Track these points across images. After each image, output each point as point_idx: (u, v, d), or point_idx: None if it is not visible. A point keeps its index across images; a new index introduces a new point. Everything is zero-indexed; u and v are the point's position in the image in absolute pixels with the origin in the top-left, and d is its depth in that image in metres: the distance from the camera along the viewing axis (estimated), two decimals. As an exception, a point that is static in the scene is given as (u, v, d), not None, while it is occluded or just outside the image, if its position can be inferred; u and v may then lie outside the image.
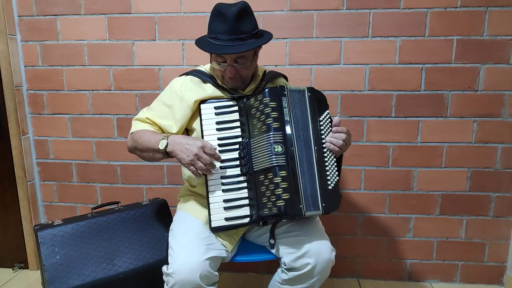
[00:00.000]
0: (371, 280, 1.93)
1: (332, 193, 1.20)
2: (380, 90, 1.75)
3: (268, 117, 1.17)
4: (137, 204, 1.65)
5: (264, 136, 1.16)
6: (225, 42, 1.20)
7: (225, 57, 1.22)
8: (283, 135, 1.16)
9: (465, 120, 1.74)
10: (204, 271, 1.12)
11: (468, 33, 1.67)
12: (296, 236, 1.23)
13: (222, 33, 1.20)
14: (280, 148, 1.15)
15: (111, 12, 1.79)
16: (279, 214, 1.14)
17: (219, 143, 1.22)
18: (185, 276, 1.10)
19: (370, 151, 1.80)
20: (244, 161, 1.21)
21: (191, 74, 1.36)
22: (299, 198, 1.14)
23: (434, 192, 1.81)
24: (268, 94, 1.18)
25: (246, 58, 1.24)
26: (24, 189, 1.94)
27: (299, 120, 1.20)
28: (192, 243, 1.19)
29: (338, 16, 1.70)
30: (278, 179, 1.13)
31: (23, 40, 1.87)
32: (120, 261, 1.48)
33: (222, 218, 1.20)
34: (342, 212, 1.87)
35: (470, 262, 1.86)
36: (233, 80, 1.28)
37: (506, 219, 1.81)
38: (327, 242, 1.22)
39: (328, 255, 1.19)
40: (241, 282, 1.92)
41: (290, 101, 1.20)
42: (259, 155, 1.18)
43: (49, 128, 1.95)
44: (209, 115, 1.24)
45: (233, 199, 1.21)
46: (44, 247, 1.42)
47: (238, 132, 1.24)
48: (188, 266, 1.12)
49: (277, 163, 1.14)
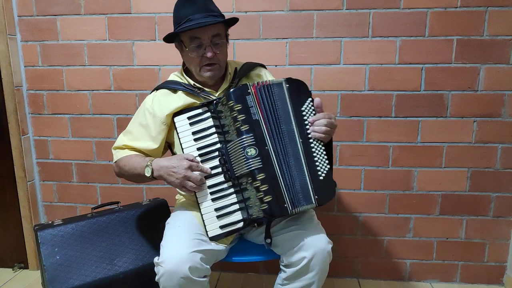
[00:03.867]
0: (371, 280, 1.93)
1: (324, 183, 1.17)
2: (380, 90, 1.75)
3: (236, 121, 1.14)
4: (137, 204, 1.65)
5: (237, 141, 1.14)
6: (200, 20, 1.20)
7: (201, 38, 1.22)
8: (254, 136, 1.13)
9: (465, 120, 1.74)
10: (194, 262, 1.11)
11: (468, 33, 1.67)
12: (291, 231, 1.22)
13: (195, 13, 1.21)
14: (253, 151, 1.13)
15: (111, 12, 1.79)
16: (266, 217, 1.13)
17: (199, 153, 1.20)
18: (174, 266, 1.09)
19: (370, 151, 1.80)
20: (225, 167, 1.18)
21: (161, 87, 1.36)
22: (283, 197, 1.13)
23: (434, 192, 1.81)
24: (232, 97, 1.15)
25: (221, 36, 1.25)
26: (24, 189, 1.94)
27: (280, 115, 1.17)
28: (185, 235, 1.19)
29: (338, 16, 1.70)
30: (257, 182, 1.12)
31: (23, 40, 1.87)
32: (120, 261, 1.48)
33: (217, 227, 1.19)
34: (342, 212, 1.87)
35: (470, 262, 1.86)
36: (211, 68, 1.26)
37: (506, 219, 1.81)
38: (323, 234, 1.20)
39: (323, 245, 1.17)
40: (241, 282, 1.92)
41: (261, 98, 1.16)
42: (236, 160, 1.16)
43: (49, 128, 1.95)
44: (184, 127, 1.23)
45: (223, 206, 1.19)
46: (44, 247, 1.42)
47: (215, 138, 1.21)
48: (177, 256, 1.11)
49: (254, 167, 1.12)
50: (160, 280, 1.12)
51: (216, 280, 1.93)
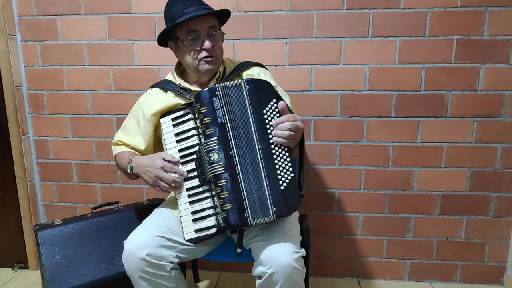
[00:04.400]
0: (371, 280, 1.93)
1: (285, 194, 1.09)
2: (380, 90, 1.75)
3: (202, 124, 1.13)
4: (137, 204, 1.65)
5: (203, 144, 1.13)
6: (195, 12, 1.20)
7: (198, 30, 1.22)
8: (218, 140, 1.10)
9: (465, 120, 1.74)
10: (153, 246, 1.11)
11: (468, 33, 1.67)
12: (256, 242, 1.16)
13: (188, 7, 1.21)
14: (216, 155, 1.10)
15: (111, 12, 1.79)
16: (226, 227, 1.10)
17: (180, 154, 1.19)
18: (133, 247, 1.11)
19: (370, 151, 1.80)
20: (200, 170, 1.16)
21: (155, 85, 1.39)
22: (243, 206, 1.08)
23: (434, 192, 1.81)
24: (200, 98, 1.12)
25: (216, 28, 1.27)
26: (24, 189, 1.94)
27: (238, 120, 1.11)
28: (155, 222, 1.21)
29: (338, 16, 1.70)
30: (218, 189, 1.10)
31: (23, 40, 1.87)
32: (120, 261, 1.47)
33: (192, 230, 1.17)
34: (342, 212, 1.87)
35: (470, 262, 1.86)
36: (210, 60, 1.25)
37: (506, 219, 1.81)
38: (287, 245, 1.08)
39: (286, 259, 1.05)
40: (241, 282, 1.92)
41: (225, 100, 1.12)
42: (204, 164, 1.14)
43: (49, 128, 1.95)
44: (168, 128, 1.23)
45: (198, 210, 1.17)
46: (44, 247, 1.42)
47: (195, 140, 1.18)
48: (139, 238, 1.13)
49: (215, 172, 1.10)
50: (123, 261, 1.15)
51: (216, 280, 1.93)
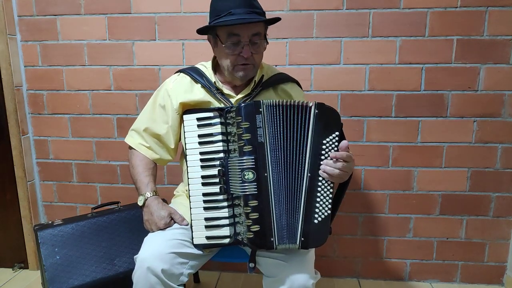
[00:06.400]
0: (371, 280, 1.93)
1: (318, 227, 1.07)
2: (380, 90, 1.75)
3: (240, 139, 1.07)
4: (137, 204, 1.65)
5: (236, 160, 1.07)
6: (242, 15, 1.11)
7: (240, 35, 1.13)
8: (255, 160, 1.06)
9: (465, 120, 1.74)
10: (170, 265, 1.08)
11: (468, 33, 1.67)
12: (274, 259, 1.13)
13: (237, 7, 1.11)
14: (251, 175, 1.06)
15: (111, 12, 1.79)
16: (249, 245, 1.09)
17: (201, 157, 1.14)
18: (148, 264, 1.06)
19: (370, 151, 1.80)
20: (222, 180, 1.11)
21: (184, 72, 1.30)
22: (271, 230, 1.06)
23: (434, 192, 1.81)
24: (241, 113, 1.07)
25: (260, 36, 1.17)
26: (24, 189, 1.94)
27: (281, 141, 1.07)
28: (169, 232, 1.18)
29: (338, 16, 1.70)
30: (248, 209, 1.06)
31: (23, 40, 1.87)
32: (120, 261, 1.49)
33: (204, 236, 1.14)
34: (342, 212, 1.87)
35: (470, 262, 1.86)
36: (246, 68, 1.18)
37: (506, 219, 1.81)
38: (308, 269, 1.10)
39: (305, 283, 1.07)
40: (241, 282, 1.92)
41: (268, 119, 1.07)
42: (233, 178, 1.09)
43: (49, 128, 1.95)
44: (191, 127, 1.16)
45: (213, 218, 1.13)
46: (44, 247, 1.42)
47: (220, 146, 1.13)
48: (154, 254, 1.08)
49: (248, 192, 1.06)
50: (134, 277, 1.08)
51: (216, 280, 1.93)
